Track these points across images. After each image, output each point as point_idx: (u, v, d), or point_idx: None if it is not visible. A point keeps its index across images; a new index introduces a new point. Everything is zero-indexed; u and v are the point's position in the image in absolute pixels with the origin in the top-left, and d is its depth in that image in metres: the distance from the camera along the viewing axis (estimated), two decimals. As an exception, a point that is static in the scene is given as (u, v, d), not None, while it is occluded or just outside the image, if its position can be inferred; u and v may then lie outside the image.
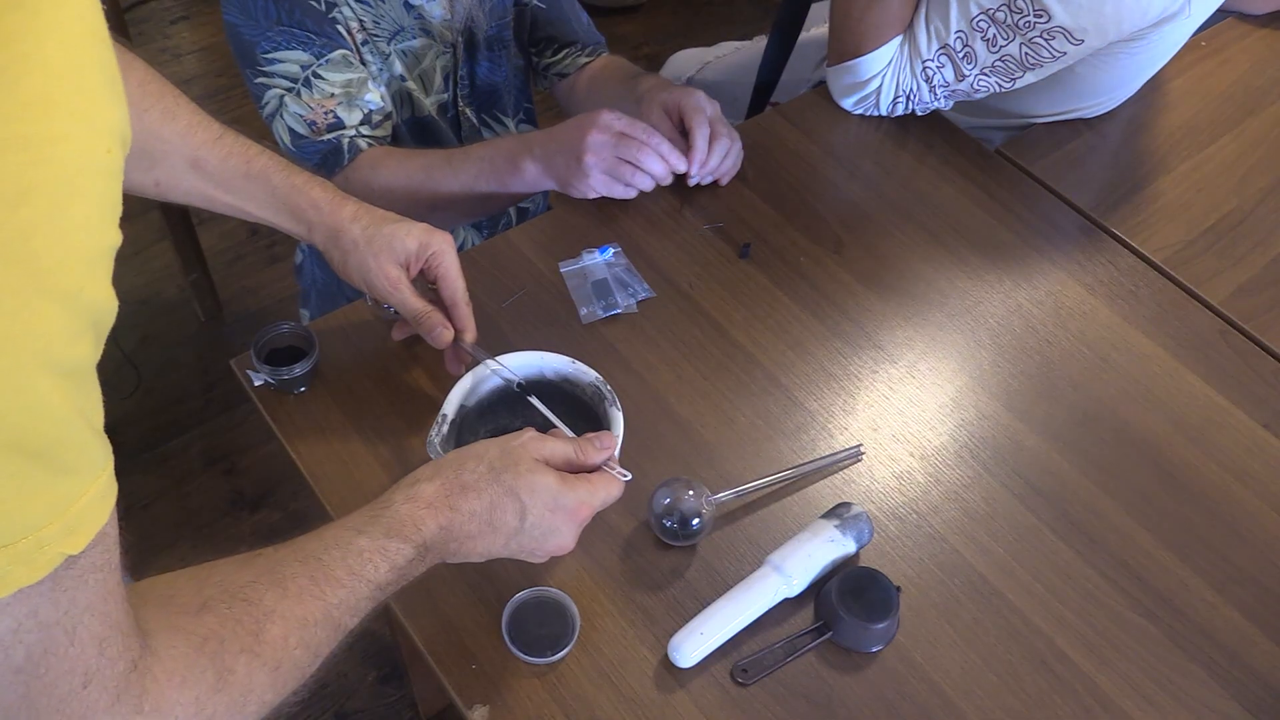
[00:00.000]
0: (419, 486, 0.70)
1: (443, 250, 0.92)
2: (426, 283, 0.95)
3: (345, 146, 1.13)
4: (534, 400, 0.88)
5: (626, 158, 1.08)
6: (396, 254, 0.91)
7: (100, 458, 0.44)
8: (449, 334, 0.91)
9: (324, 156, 1.13)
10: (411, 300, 0.91)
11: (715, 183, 1.18)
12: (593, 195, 1.10)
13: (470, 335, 0.94)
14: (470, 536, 0.71)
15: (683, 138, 1.15)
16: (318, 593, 0.62)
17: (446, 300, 0.93)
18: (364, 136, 1.15)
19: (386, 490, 0.71)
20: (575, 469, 0.77)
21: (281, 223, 0.93)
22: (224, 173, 0.89)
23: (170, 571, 0.61)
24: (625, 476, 0.80)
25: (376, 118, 1.17)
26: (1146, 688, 0.85)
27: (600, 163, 1.08)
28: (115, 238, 0.42)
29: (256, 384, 0.96)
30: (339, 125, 1.13)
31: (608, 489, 0.78)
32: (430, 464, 0.73)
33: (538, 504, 0.73)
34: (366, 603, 0.65)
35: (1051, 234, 1.20)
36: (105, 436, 0.45)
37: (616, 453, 0.83)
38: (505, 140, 1.15)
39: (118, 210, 0.42)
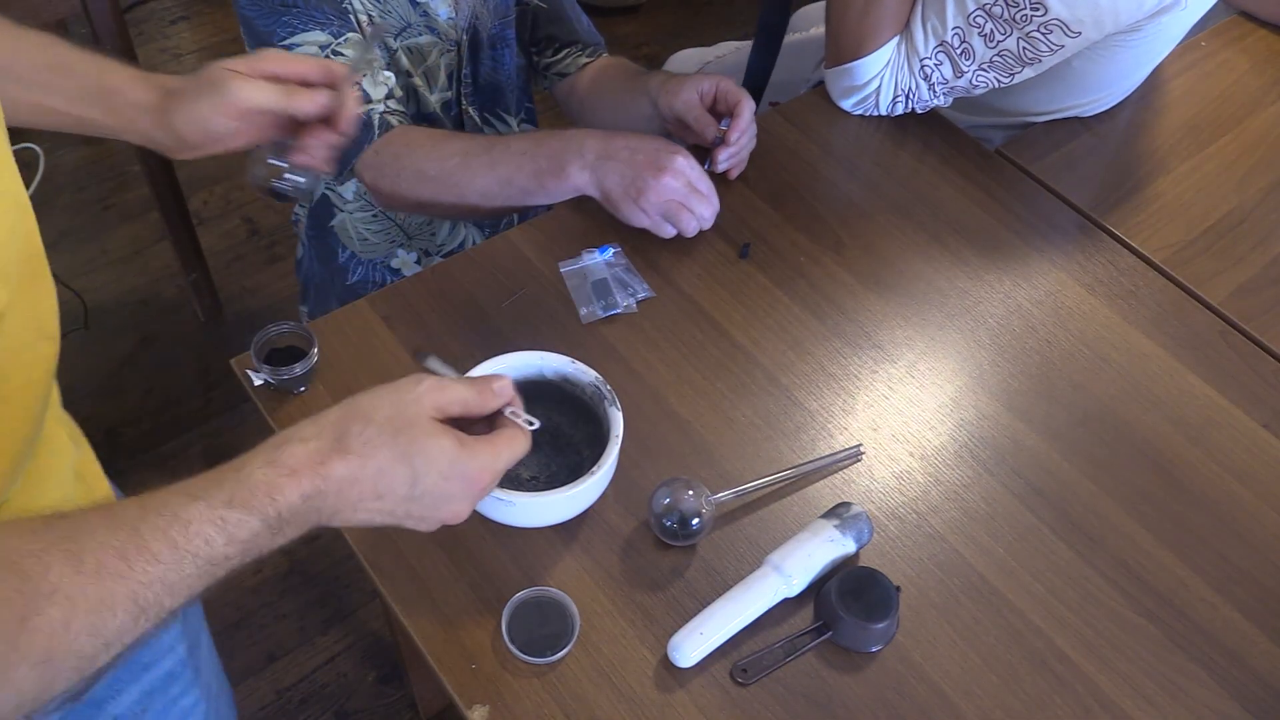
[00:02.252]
0: (288, 448, 0.61)
1: (276, 57, 0.82)
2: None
3: (376, 121, 1.11)
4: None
5: (691, 207, 1.08)
6: (234, 67, 0.80)
7: None
8: (319, 96, 0.83)
9: (354, 133, 1.11)
10: (268, 86, 0.81)
11: (726, 173, 1.19)
12: (634, 225, 1.10)
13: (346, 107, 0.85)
14: (349, 504, 0.63)
15: (713, 121, 1.16)
16: (123, 569, 0.51)
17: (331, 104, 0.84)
18: (392, 112, 1.13)
19: (257, 446, 0.62)
20: (473, 415, 0.70)
21: (95, 117, 0.81)
22: (20, 67, 0.79)
23: None
24: (533, 425, 0.73)
25: (398, 93, 1.16)
26: (1146, 688, 0.85)
27: (660, 205, 1.07)
28: None
29: (257, 384, 0.96)
30: (365, 99, 1.12)
31: (511, 448, 0.70)
32: (313, 420, 0.64)
33: (432, 471, 0.65)
34: (195, 580, 0.55)
35: (1051, 234, 1.20)
36: None
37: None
38: (551, 138, 1.11)
39: None
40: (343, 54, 1.10)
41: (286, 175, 0.87)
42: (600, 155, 1.08)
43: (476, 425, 0.72)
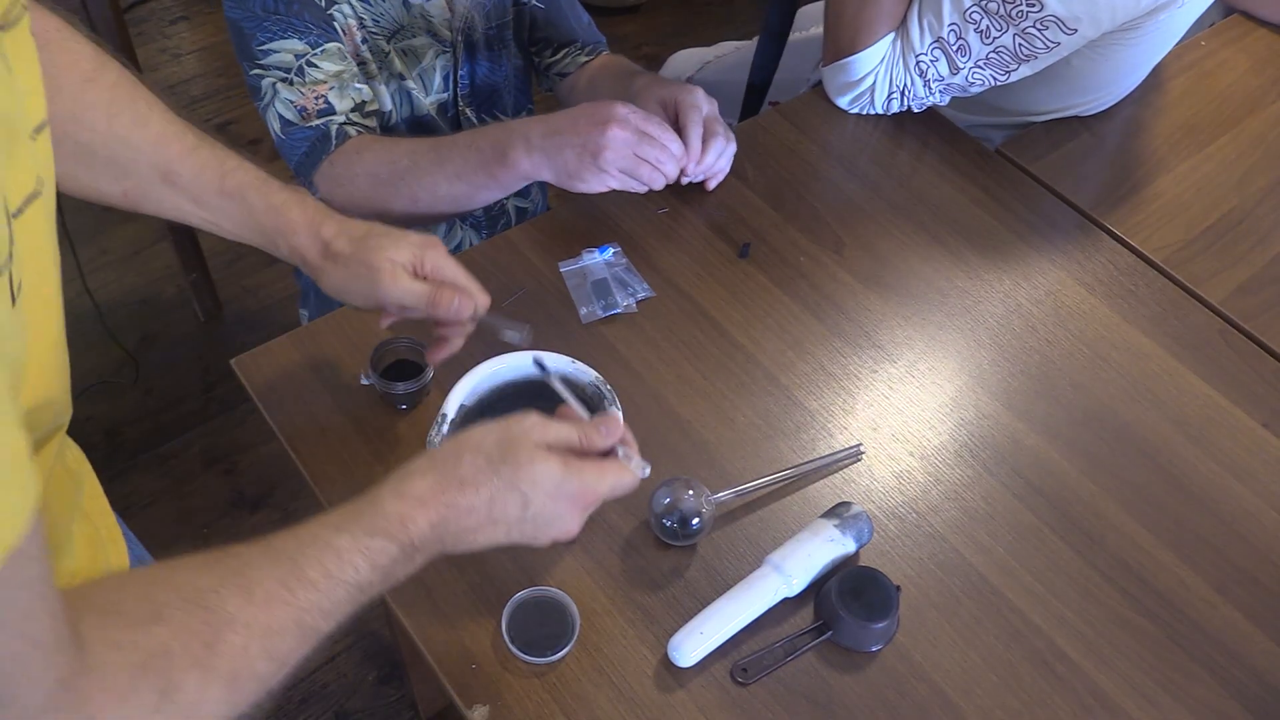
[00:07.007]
0: (410, 481, 0.68)
1: (438, 256, 0.89)
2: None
3: (334, 133, 1.12)
4: (552, 379, 0.86)
5: (647, 158, 1.05)
6: (394, 258, 0.86)
7: (8, 469, 0.42)
8: (468, 302, 0.88)
9: (312, 144, 1.12)
10: (418, 286, 0.87)
11: (703, 183, 1.17)
12: (600, 191, 1.06)
13: (486, 302, 0.91)
14: (468, 530, 0.69)
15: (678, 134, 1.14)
16: (287, 597, 0.59)
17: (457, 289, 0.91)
18: (353, 124, 1.14)
19: (378, 482, 0.68)
20: (581, 453, 0.74)
21: (258, 243, 0.89)
22: (197, 187, 0.84)
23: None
24: (644, 471, 0.77)
25: (368, 107, 1.16)
26: (1146, 688, 0.85)
27: (619, 160, 1.04)
28: None
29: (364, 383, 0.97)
30: (329, 110, 1.12)
31: (618, 475, 0.75)
32: (425, 455, 0.70)
33: (539, 493, 0.70)
34: (345, 605, 0.62)
35: (1051, 233, 1.20)
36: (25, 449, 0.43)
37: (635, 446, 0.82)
38: (493, 129, 1.09)
39: None
40: (317, 65, 1.11)
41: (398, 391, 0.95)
42: (545, 135, 1.05)
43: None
